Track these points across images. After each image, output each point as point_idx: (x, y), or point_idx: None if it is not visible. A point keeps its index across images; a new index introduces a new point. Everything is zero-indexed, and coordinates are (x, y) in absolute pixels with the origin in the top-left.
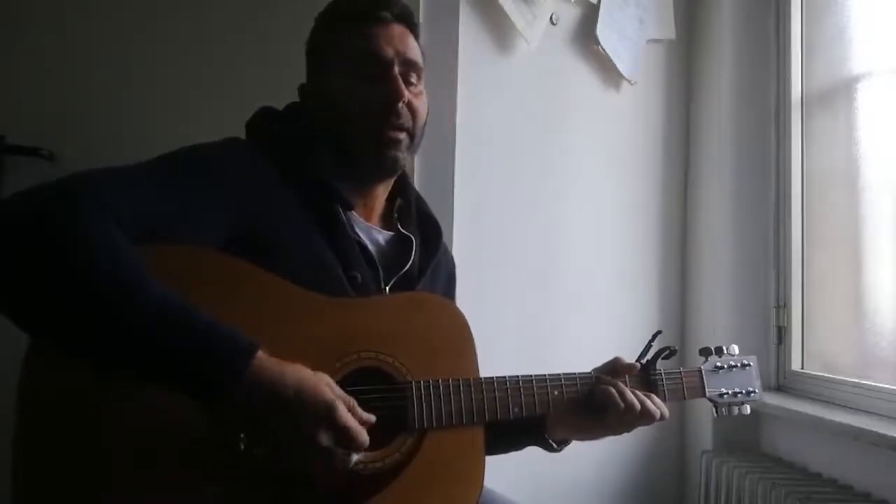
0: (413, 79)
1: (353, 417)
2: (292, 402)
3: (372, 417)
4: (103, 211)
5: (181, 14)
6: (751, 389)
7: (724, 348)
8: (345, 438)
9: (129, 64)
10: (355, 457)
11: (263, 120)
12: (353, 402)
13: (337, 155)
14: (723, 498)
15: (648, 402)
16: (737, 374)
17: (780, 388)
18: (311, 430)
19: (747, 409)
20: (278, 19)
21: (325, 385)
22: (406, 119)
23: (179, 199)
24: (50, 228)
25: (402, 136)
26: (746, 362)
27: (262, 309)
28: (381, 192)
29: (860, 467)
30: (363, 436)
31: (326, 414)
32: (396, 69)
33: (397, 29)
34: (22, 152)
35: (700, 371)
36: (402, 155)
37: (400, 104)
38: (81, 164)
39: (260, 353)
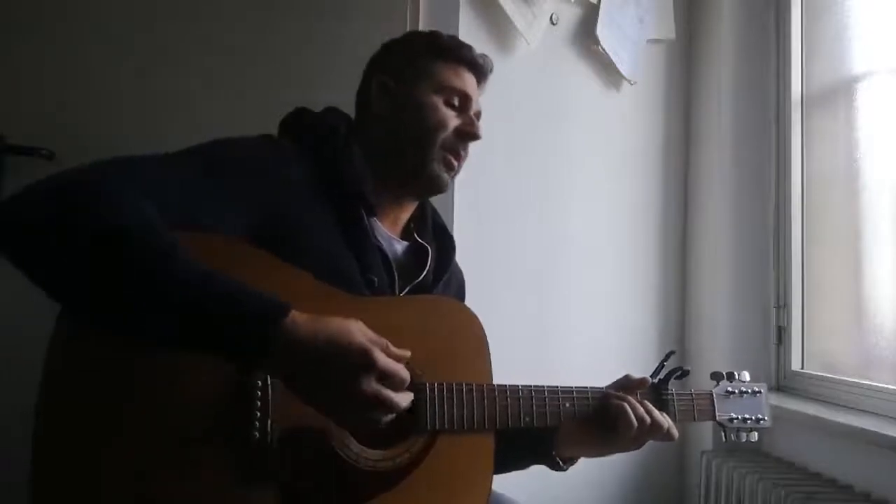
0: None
1: (391, 353)
2: (328, 354)
3: (407, 352)
4: (132, 193)
5: (182, 14)
6: (760, 417)
7: (736, 374)
8: (387, 377)
9: (129, 64)
10: (405, 398)
11: (300, 120)
12: (386, 342)
13: (379, 164)
14: (723, 498)
15: (657, 413)
16: (747, 400)
17: (780, 388)
18: (352, 377)
19: (755, 437)
20: (279, 20)
21: (358, 331)
22: (465, 154)
23: (205, 190)
24: (83, 215)
25: (458, 164)
26: (757, 389)
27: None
28: (410, 205)
29: (860, 467)
30: (404, 371)
31: (363, 359)
32: (474, 112)
33: (478, 83)
34: (22, 152)
35: (711, 394)
36: (451, 181)
37: (471, 141)
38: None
39: (294, 312)
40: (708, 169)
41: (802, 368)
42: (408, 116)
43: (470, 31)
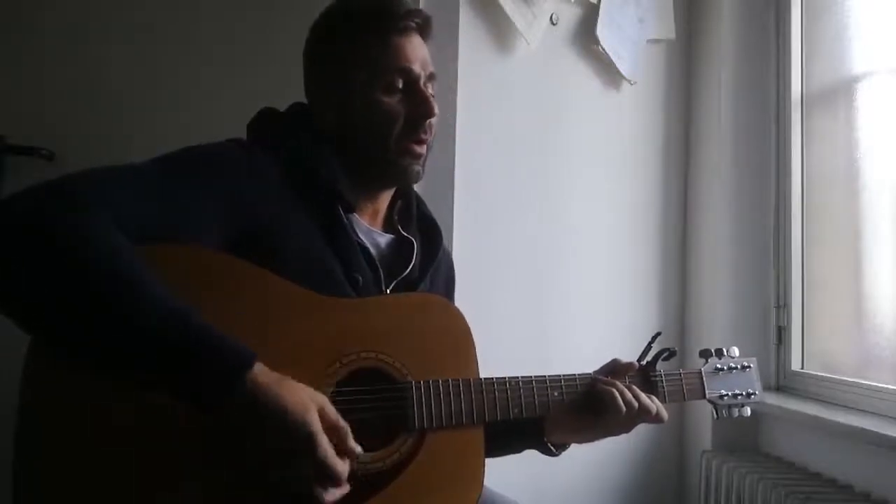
0: (432, 89)
1: (344, 445)
2: (278, 422)
3: (359, 448)
4: (103, 210)
5: (182, 14)
6: (751, 391)
7: (725, 350)
8: (321, 472)
9: (129, 64)
10: (335, 492)
11: (266, 121)
12: (347, 430)
13: (344, 158)
14: (723, 498)
15: (644, 397)
16: (737, 375)
17: (780, 388)
18: (287, 455)
19: (747, 412)
20: (279, 19)
21: (317, 410)
22: (430, 133)
23: (179, 199)
24: (50, 228)
25: (424, 149)
26: (747, 364)
27: (263, 309)
28: (386, 196)
29: (860, 467)
30: (341, 468)
31: (306, 445)
32: (423, 83)
33: (419, 39)
34: (22, 152)
35: (700, 372)
36: (422, 168)
37: (429, 121)
38: (81, 164)
39: (257, 368)
40: (708, 169)
41: (802, 368)
42: (354, 121)
43: (470, 32)
